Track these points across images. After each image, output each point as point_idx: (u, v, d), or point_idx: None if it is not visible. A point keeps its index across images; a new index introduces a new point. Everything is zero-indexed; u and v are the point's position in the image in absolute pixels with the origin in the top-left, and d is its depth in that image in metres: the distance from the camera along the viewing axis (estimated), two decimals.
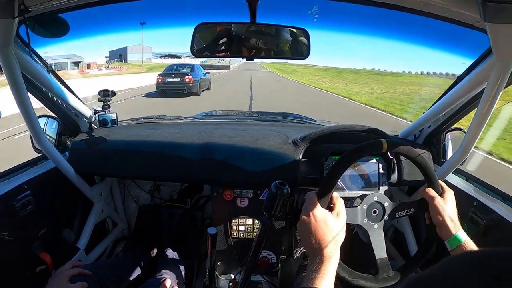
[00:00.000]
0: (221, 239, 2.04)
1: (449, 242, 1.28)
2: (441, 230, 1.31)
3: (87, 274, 1.59)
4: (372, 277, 1.30)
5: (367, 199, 1.33)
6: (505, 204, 1.71)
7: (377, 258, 1.33)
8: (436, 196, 1.33)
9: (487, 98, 1.47)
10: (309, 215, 1.15)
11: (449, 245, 1.28)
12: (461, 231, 1.28)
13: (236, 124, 2.57)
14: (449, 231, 1.28)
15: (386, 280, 1.31)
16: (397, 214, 1.38)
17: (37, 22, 1.50)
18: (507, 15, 0.90)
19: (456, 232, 1.27)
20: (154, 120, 2.65)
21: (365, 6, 1.52)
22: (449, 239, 1.28)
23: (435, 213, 1.32)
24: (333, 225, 1.14)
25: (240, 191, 2.01)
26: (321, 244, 1.10)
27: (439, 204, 1.31)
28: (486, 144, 8.35)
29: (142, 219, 2.59)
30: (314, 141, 1.89)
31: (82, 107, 2.06)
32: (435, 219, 1.32)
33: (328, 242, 1.11)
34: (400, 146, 1.33)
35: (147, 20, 2.83)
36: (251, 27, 1.67)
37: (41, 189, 1.86)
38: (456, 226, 1.29)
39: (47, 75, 1.74)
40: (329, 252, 1.10)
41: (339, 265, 1.23)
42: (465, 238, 1.27)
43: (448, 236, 1.28)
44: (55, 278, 1.50)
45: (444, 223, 1.29)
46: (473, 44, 1.57)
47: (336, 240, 1.13)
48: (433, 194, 1.34)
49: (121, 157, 2.01)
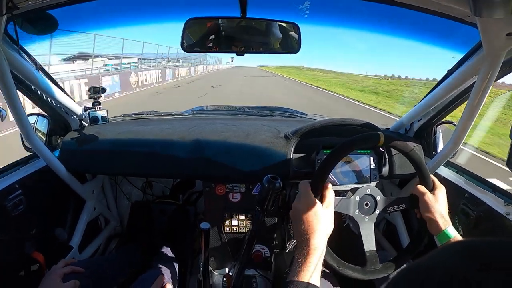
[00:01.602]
0: (214, 234, 2.05)
1: (438, 238, 1.30)
2: (431, 226, 1.33)
3: (80, 272, 1.58)
4: (360, 269, 1.32)
5: (360, 191, 1.35)
6: (494, 195, 1.74)
7: (366, 250, 1.34)
8: (426, 192, 1.35)
9: (477, 92, 1.48)
10: (300, 203, 1.17)
11: (439, 241, 1.30)
12: (450, 227, 1.30)
13: (227, 119, 2.56)
14: (438, 227, 1.30)
15: (373, 273, 1.33)
16: (389, 209, 1.39)
17: (26, 19, 1.48)
18: (497, 10, 0.91)
19: (446, 228, 1.29)
20: (145, 116, 2.63)
21: (356, 1, 1.51)
22: (438, 234, 1.30)
23: (424, 210, 1.34)
24: (322, 215, 1.15)
25: (232, 186, 2.01)
26: (309, 233, 1.11)
27: (429, 200, 1.33)
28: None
29: (134, 216, 2.58)
30: (305, 135, 1.89)
31: (72, 105, 2.04)
32: (425, 215, 1.34)
33: (315, 232, 1.11)
34: (395, 140, 1.34)
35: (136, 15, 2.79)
36: (242, 22, 1.66)
37: (33, 188, 1.85)
38: (446, 222, 1.30)
39: (36, 73, 1.72)
40: (316, 243, 1.10)
41: (328, 253, 1.25)
42: (455, 234, 1.29)
43: (438, 232, 1.30)
44: (48, 278, 1.48)
45: (433, 219, 1.30)
46: (464, 38, 1.58)
47: (323, 231, 1.13)
48: (423, 191, 1.35)
49: (112, 154, 2.00)
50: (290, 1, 1.80)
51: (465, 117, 1.63)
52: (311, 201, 1.16)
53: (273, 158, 1.85)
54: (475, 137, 9.00)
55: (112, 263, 1.95)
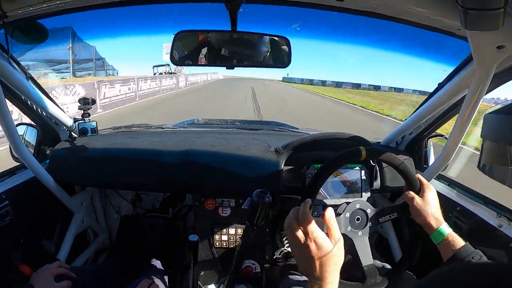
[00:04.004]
0: (204, 249, 2.02)
1: (433, 238, 1.29)
2: (425, 228, 1.32)
3: (72, 277, 1.56)
4: (360, 285, 1.30)
5: (350, 206, 1.34)
6: (486, 207, 1.74)
7: (364, 265, 1.33)
8: (415, 197, 1.34)
9: (468, 105, 1.49)
10: (309, 241, 1.00)
11: (434, 240, 1.29)
12: (444, 224, 1.29)
13: (218, 132, 2.55)
14: (432, 228, 1.29)
15: (374, 286, 1.31)
16: (381, 219, 1.39)
17: (16, 28, 1.46)
18: (488, 23, 0.91)
19: (438, 227, 1.28)
20: (135, 129, 2.61)
21: (347, 15, 1.52)
22: (433, 234, 1.29)
23: (416, 215, 1.33)
24: (334, 253, 1.01)
25: (222, 200, 1.99)
26: (323, 271, 0.99)
27: (418, 205, 1.32)
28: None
29: (123, 230, 2.53)
30: (295, 149, 1.89)
31: (62, 115, 2.02)
32: (417, 219, 1.33)
33: (330, 270, 1.00)
34: (380, 153, 1.34)
35: (126, 27, 2.77)
36: (232, 36, 1.65)
37: (20, 199, 1.83)
38: (438, 221, 1.29)
39: (26, 82, 1.71)
40: (331, 277, 1.00)
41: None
42: (449, 231, 1.28)
43: (432, 232, 1.29)
44: (41, 274, 1.48)
45: (426, 221, 1.30)
46: (454, 51, 1.59)
47: (337, 267, 1.02)
48: (411, 196, 1.34)
49: (101, 166, 1.98)
50: (280, 15, 1.81)
51: (456, 130, 1.63)
52: (320, 240, 1.00)
53: (263, 172, 1.84)
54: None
55: (101, 274, 1.92)
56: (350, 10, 1.48)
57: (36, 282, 1.44)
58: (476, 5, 0.84)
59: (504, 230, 1.60)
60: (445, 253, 1.26)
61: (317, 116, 18.40)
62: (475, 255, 1.21)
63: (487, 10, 0.84)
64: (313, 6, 1.48)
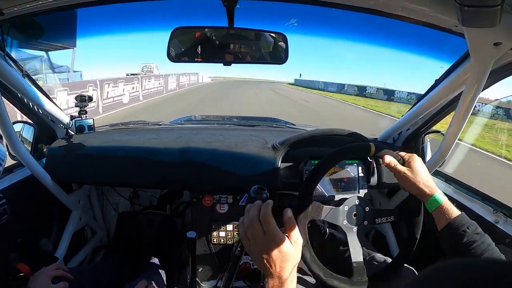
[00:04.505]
0: (202, 246, 2.02)
1: (427, 205, 1.29)
2: (420, 197, 1.31)
3: (69, 278, 1.56)
4: (347, 279, 1.30)
5: (349, 201, 1.34)
6: (483, 203, 1.75)
7: (353, 261, 1.33)
8: (402, 169, 1.32)
9: (465, 101, 1.49)
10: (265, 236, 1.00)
11: (429, 208, 1.28)
12: (438, 192, 1.28)
13: (215, 129, 2.55)
14: (425, 195, 1.28)
15: (360, 284, 1.31)
16: (377, 220, 1.39)
17: (12, 25, 1.46)
18: (485, 20, 0.91)
19: (433, 193, 1.27)
20: (132, 126, 2.61)
21: (344, 11, 1.52)
22: (427, 201, 1.28)
23: (406, 184, 1.32)
24: (293, 254, 0.99)
25: (220, 196, 1.99)
26: (281, 268, 0.97)
27: (407, 174, 1.30)
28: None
29: (121, 227, 2.53)
30: (293, 145, 1.88)
31: (59, 113, 2.01)
32: (409, 189, 1.32)
33: (287, 266, 0.98)
34: (385, 150, 1.34)
35: (123, 24, 2.77)
36: (229, 32, 1.65)
37: (17, 198, 1.82)
38: (432, 188, 1.28)
39: (23, 80, 1.70)
40: (290, 275, 0.99)
41: (315, 263, 1.24)
42: (444, 198, 1.27)
43: (427, 200, 1.28)
44: (38, 276, 1.47)
45: (419, 189, 1.28)
46: (451, 48, 1.59)
47: (294, 264, 1.00)
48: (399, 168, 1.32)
49: (98, 164, 1.97)
50: (278, 12, 1.80)
51: (453, 127, 1.64)
52: (276, 236, 0.99)
53: (261, 168, 1.84)
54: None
55: (98, 274, 1.92)
56: (348, 7, 1.47)
57: (34, 285, 1.44)
58: (473, 2, 0.84)
59: (501, 226, 1.61)
60: (439, 222, 1.25)
61: None
62: (470, 225, 1.21)
63: (484, 7, 0.84)
64: (310, 2, 1.48)
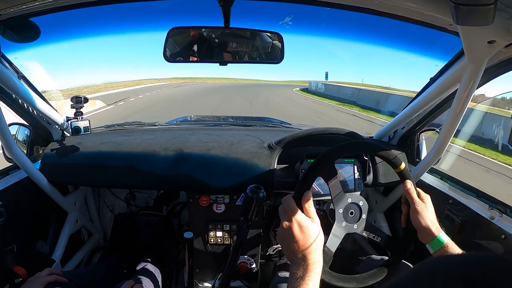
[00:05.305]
0: (199, 246, 2.02)
1: (431, 245, 1.29)
2: (422, 233, 1.32)
3: (63, 282, 1.55)
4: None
5: (342, 202, 1.33)
6: (479, 200, 1.76)
7: (326, 245, 1.30)
8: (418, 200, 1.34)
9: (459, 99, 1.51)
10: (290, 221, 1.12)
11: (432, 248, 1.29)
12: (443, 233, 1.29)
13: (211, 129, 2.55)
14: (431, 234, 1.29)
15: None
16: (365, 233, 1.39)
17: (7, 27, 1.45)
18: (479, 18, 0.92)
19: (439, 234, 1.28)
20: (128, 127, 2.60)
21: (338, 10, 1.52)
22: (431, 241, 1.29)
23: (417, 217, 1.32)
24: (313, 230, 1.12)
25: (216, 197, 1.99)
26: (305, 251, 1.08)
27: (420, 208, 1.32)
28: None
29: (118, 228, 2.53)
30: (289, 144, 1.89)
31: (54, 114, 2.00)
32: (417, 222, 1.32)
33: (311, 248, 1.08)
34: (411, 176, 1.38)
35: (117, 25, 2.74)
36: (225, 32, 1.65)
37: (13, 200, 1.81)
38: (437, 228, 1.30)
39: (18, 81, 1.69)
40: (314, 258, 1.07)
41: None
42: (447, 240, 1.28)
43: (431, 239, 1.29)
44: (30, 283, 1.46)
45: (427, 226, 1.29)
46: (446, 46, 1.60)
47: (318, 245, 1.10)
48: (415, 198, 1.34)
49: (94, 165, 1.97)
50: (273, 12, 1.80)
51: (448, 124, 1.65)
52: (300, 218, 1.12)
53: (257, 168, 1.84)
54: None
55: (95, 276, 1.92)
56: (342, 6, 1.48)
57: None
58: (468, 1, 0.85)
59: (496, 222, 1.62)
60: None
61: None
62: None
63: (478, 6, 0.85)
64: (305, 2, 1.48)
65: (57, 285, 1.51)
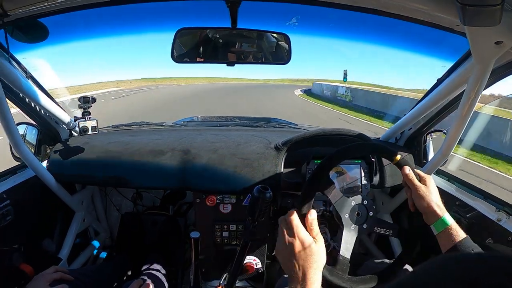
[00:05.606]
0: (205, 246, 2.02)
1: (435, 226, 1.29)
2: (427, 215, 1.32)
3: (69, 280, 1.57)
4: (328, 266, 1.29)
5: (346, 207, 1.33)
6: (486, 202, 1.75)
7: (341, 253, 1.31)
8: (419, 184, 1.34)
9: (467, 100, 1.50)
10: (294, 238, 1.11)
11: (436, 229, 1.29)
12: (447, 214, 1.29)
13: (218, 130, 2.55)
14: (436, 215, 1.28)
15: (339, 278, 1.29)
16: (376, 229, 1.38)
17: (16, 27, 1.46)
18: (486, 19, 0.92)
19: (443, 215, 1.28)
20: (135, 127, 2.61)
21: (346, 11, 1.53)
22: (435, 222, 1.28)
23: (420, 200, 1.32)
24: (315, 250, 1.10)
25: (223, 197, 1.99)
26: (306, 270, 1.07)
27: (422, 191, 1.32)
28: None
29: (124, 228, 2.54)
30: (295, 145, 1.88)
31: (62, 114, 2.01)
32: (421, 205, 1.32)
33: (312, 268, 1.07)
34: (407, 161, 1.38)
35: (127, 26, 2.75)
36: (232, 33, 1.66)
37: (21, 199, 1.82)
38: (442, 209, 1.30)
39: (26, 82, 1.70)
40: (313, 278, 1.06)
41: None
42: (452, 221, 1.28)
43: (435, 220, 1.29)
44: (36, 280, 1.48)
45: (430, 208, 1.29)
46: (453, 47, 1.60)
47: (319, 266, 1.09)
48: (416, 183, 1.34)
49: (102, 165, 1.98)
50: (281, 12, 1.81)
51: (455, 126, 1.64)
52: (303, 236, 1.11)
53: (264, 168, 1.84)
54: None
55: (101, 274, 1.93)
56: (350, 7, 1.49)
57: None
58: (475, 1, 0.85)
59: (503, 224, 1.61)
60: (444, 244, 1.26)
61: None
62: (475, 248, 1.22)
63: (485, 6, 0.85)
64: (312, 3, 1.49)
65: (63, 282, 1.53)
